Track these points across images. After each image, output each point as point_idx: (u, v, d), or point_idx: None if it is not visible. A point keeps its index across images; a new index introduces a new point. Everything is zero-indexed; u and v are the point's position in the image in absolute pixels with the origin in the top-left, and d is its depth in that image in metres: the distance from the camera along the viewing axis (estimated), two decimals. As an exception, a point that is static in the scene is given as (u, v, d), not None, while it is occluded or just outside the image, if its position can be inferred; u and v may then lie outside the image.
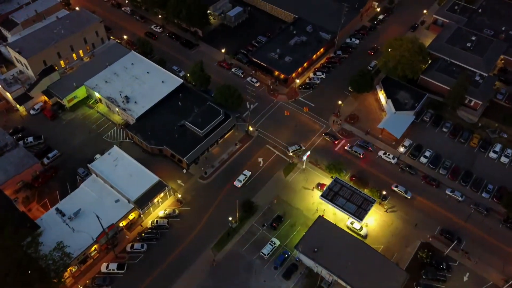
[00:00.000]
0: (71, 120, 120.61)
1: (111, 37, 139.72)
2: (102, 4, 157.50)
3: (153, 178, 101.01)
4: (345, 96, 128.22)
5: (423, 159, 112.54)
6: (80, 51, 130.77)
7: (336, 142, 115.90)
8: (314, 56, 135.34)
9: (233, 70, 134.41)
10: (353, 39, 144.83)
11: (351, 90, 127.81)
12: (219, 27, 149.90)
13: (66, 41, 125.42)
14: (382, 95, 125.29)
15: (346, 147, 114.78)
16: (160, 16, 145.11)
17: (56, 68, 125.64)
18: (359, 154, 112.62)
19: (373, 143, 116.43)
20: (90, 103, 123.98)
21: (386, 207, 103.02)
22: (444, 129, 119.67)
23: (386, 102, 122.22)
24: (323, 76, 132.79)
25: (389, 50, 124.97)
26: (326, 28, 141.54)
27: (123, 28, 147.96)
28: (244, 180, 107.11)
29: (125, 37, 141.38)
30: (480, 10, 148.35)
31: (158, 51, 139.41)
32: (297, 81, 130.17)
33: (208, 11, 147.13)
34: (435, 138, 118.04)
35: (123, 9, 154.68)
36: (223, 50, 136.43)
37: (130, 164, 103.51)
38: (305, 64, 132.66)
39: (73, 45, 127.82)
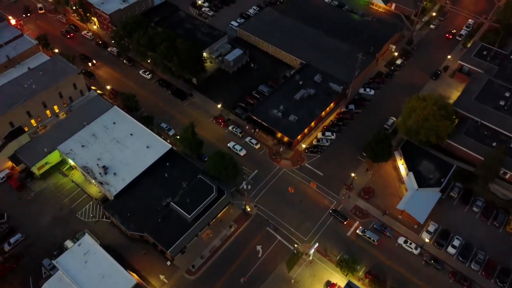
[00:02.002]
0: (41, 191, 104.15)
1: (92, 87, 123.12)
2: (85, 43, 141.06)
3: (130, 281, 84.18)
4: (358, 162, 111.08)
5: (451, 249, 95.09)
6: (55, 107, 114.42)
7: (349, 223, 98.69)
8: (323, 113, 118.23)
9: (230, 128, 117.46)
10: (368, 90, 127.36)
11: (365, 154, 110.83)
12: (215, 73, 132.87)
13: (38, 98, 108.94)
14: (401, 164, 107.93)
15: (357, 231, 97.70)
16: (149, 60, 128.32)
17: (26, 128, 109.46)
18: (373, 240, 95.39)
19: (391, 227, 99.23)
20: (64, 169, 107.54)
21: None
22: (475, 209, 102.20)
23: (407, 175, 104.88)
24: (332, 137, 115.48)
25: (410, 107, 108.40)
26: (336, 78, 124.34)
27: (108, 73, 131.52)
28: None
29: (108, 87, 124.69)
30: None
31: (146, 101, 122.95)
32: (303, 145, 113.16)
33: (204, 54, 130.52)
34: (464, 221, 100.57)
35: (109, 49, 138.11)
36: (219, 106, 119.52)
37: (103, 260, 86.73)
38: (312, 124, 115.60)
39: (46, 102, 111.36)
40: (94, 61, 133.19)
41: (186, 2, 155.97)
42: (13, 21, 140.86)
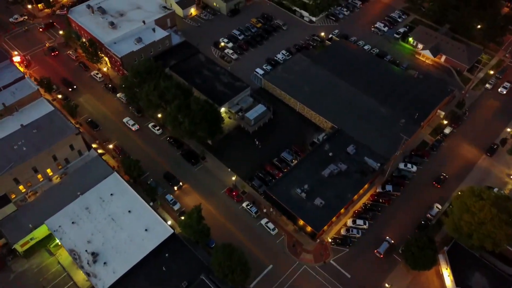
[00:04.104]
0: (22, 273, 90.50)
1: (93, 145, 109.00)
2: (94, 85, 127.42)
3: None
4: (394, 262, 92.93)
5: None
6: (48, 170, 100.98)
7: None
8: (356, 196, 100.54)
9: (244, 205, 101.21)
10: (409, 165, 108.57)
11: (401, 252, 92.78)
12: (234, 132, 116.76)
13: (28, 163, 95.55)
14: (447, 274, 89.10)
15: None
16: (160, 115, 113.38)
17: (12, 196, 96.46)
18: None
19: None
20: (51, 246, 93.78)
21: None
22: None
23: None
24: (365, 227, 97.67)
25: (461, 203, 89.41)
26: (373, 150, 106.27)
27: (113, 126, 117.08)
28: None
29: (110, 146, 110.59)
30: None
31: (152, 163, 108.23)
32: (329, 239, 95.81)
33: (222, 110, 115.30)
34: None
35: (118, 95, 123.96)
36: (233, 178, 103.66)
37: None
38: (342, 210, 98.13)
39: (38, 166, 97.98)
40: (182, 183, 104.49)
41: (208, 41, 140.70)
42: (17, 58, 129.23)
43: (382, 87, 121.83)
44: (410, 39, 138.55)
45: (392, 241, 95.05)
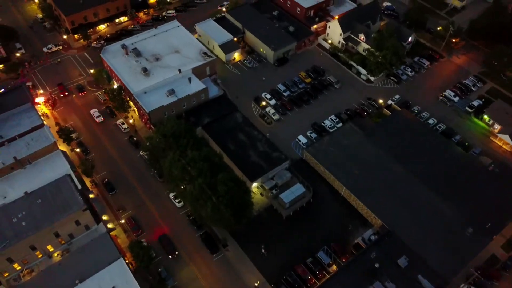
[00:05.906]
0: None
1: (104, 217, 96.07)
2: (117, 137, 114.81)
3: None
4: None
5: None
6: (49, 246, 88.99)
7: None
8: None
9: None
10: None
11: None
12: (264, 213, 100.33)
13: (26, 242, 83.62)
14: None
15: None
16: (182, 187, 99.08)
17: (5, 274, 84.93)
18: None
19: None
20: None
21: None
22: None
23: None
24: None
25: None
26: (429, 265, 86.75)
27: (132, 190, 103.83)
28: None
29: (122, 221, 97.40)
30: None
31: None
32: None
33: (253, 185, 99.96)
34: None
35: (141, 153, 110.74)
36: (256, 284, 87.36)
37: None
38: None
39: (37, 244, 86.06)
40: None
41: (249, 93, 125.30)
42: (41, 99, 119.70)
43: (447, 178, 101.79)
44: (486, 116, 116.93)
45: None
